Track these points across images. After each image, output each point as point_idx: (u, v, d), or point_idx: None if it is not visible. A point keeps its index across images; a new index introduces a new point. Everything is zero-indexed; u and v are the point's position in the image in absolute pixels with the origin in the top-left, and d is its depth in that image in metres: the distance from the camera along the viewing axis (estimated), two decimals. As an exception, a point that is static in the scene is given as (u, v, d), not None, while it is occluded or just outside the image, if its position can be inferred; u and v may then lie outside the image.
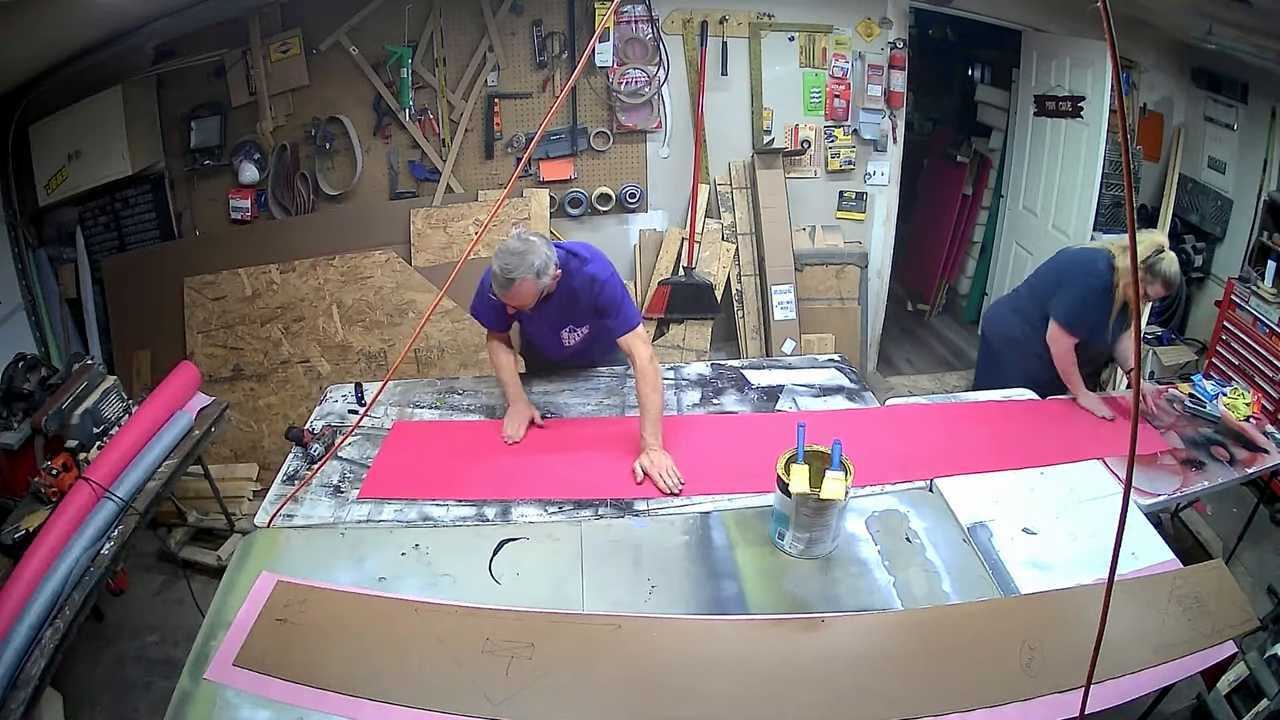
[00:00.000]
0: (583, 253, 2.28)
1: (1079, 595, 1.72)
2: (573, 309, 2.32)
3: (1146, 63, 3.88)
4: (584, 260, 2.25)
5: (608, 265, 2.30)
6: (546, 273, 2.10)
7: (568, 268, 2.21)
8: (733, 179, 3.96)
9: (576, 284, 2.24)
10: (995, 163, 4.67)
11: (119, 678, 2.61)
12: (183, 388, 2.72)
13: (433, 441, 2.32)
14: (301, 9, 3.54)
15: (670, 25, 3.72)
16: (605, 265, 2.28)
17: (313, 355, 3.74)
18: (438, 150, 3.78)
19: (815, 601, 1.75)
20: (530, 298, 2.13)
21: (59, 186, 3.54)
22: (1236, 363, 3.44)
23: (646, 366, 2.21)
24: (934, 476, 2.12)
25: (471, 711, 1.47)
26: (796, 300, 3.94)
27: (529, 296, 2.12)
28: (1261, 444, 2.34)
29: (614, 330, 2.28)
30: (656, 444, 2.17)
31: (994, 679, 1.54)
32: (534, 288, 2.10)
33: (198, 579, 2.87)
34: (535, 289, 2.11)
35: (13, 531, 2.11)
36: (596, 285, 2.23)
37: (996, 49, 4.59)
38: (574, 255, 2.25)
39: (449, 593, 1.76)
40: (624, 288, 2.32)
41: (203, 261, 3.74)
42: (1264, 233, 3.47)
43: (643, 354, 2.23)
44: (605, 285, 2.24)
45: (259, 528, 1.99)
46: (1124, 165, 0.93)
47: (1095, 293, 2.48)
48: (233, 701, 1.51)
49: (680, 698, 1.51)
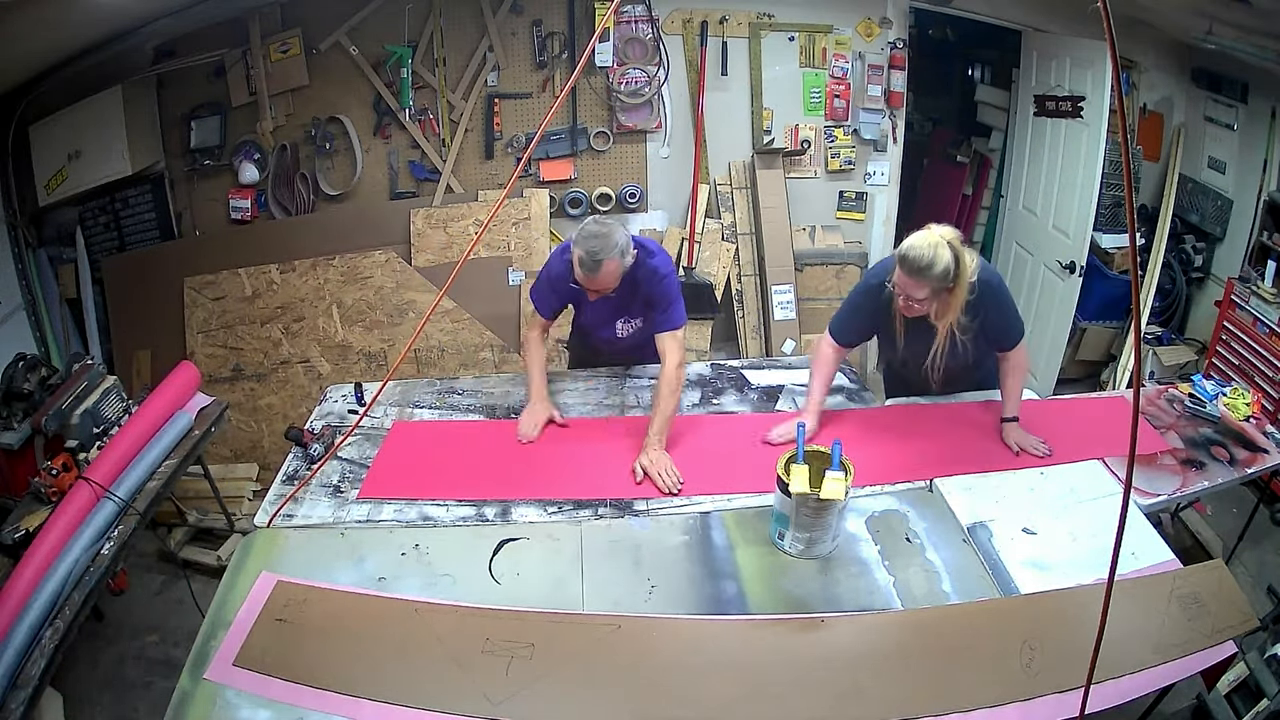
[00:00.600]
0: (649, 245, 2.33)
1: (1079, 595, 1.72)
2: (633, 299, 2.36)
3: (1146, 63, 3.88)
4: (650, 252, 2.31)
5: (670, 261, 2.36)
6: (629, 252, 2.17)
7: (636, 258, 2.25)
8: (733, 179, 3.96)
9: (640, 274, 2.28)
10: (995, 163, 4.67)
11: (119, 678, 2.61)
12: (183, 388, 2.72)
13: (433, 441, 2.32)
14: (301, 9, 3.54)
15: (670, 25, 3.72)
16: (668, 260, 2.35)
17: (313, 355, 3.74)
18: (438, 150, 3.78)
19: (815, 601, 1.75)
20: (615, 278, 2.18)
21: (59, 186, 3.54)
22: (1236, 363, 3.44)
23: (673, 371, 2.25)
24: (934, 476, 2.12)
25: (471, 711, 1.47)
26: (796, 300, 3.94)
27: (614, 277, 2.17)
28: (1261, 444, 2.34)
29: (660, 324, 2.32)
30: (659, 444, 2.18)
31: (994, 679, 1.54)
32: (619, 267, 2.15)
33: (198, 579, 2.87)
34: (620, 268, 2.16)
35: (13, 531, 2.11)
36: (658, 278, 2.29)
37: (996, 49, 4.59)
38: (642, 246, 2.30)
39: (449, 593, 1.76)
40: (680, 289, 2.36)
41: (203, 261, 3.74)
42: (1264, 233, 3.47)
43: (674, 358, 2.27)
44: (666, 279, 2.30)
45: (259, 528, 1.99)
46: (1124, 165, 0.93)
47: (860, 290, 2.26)
48: (233, 701, 1.51)
49: (680, 698, 1.51)
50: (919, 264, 1.93)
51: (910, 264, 1.95)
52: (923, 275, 1.94)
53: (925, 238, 1.97)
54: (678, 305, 2.33)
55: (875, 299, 2.17)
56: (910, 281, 1.97)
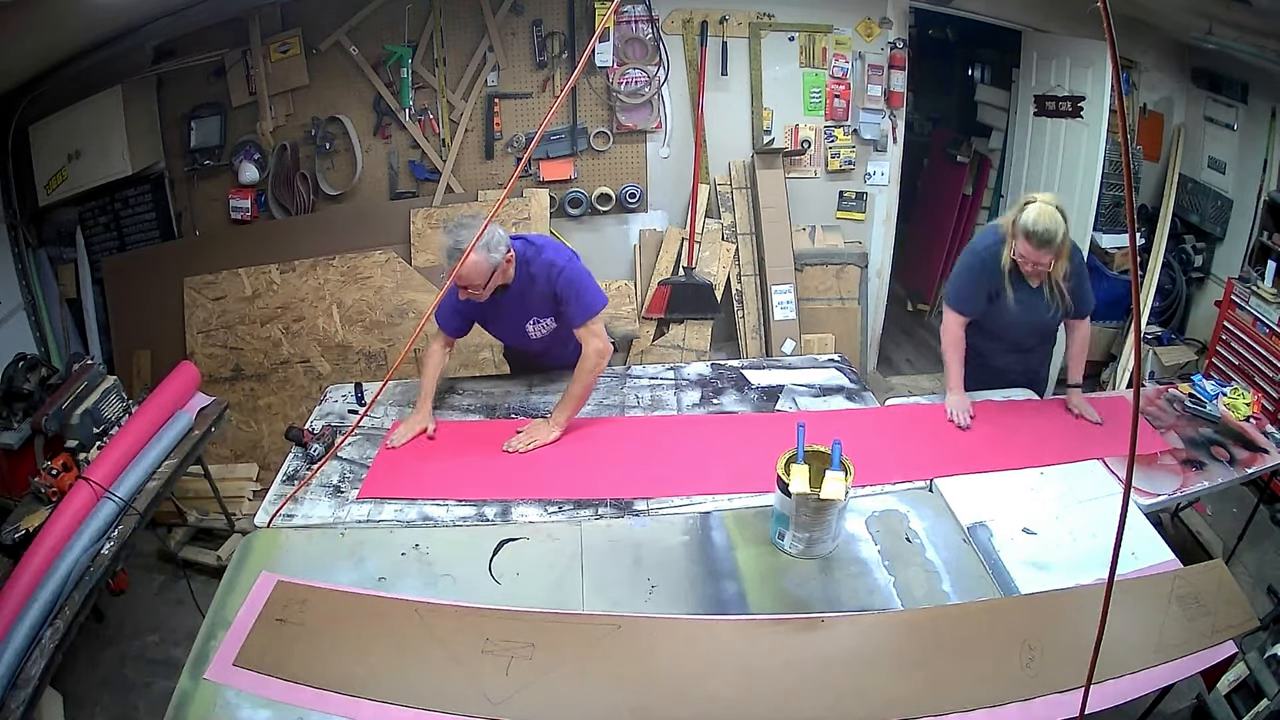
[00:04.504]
0: (538, 241, 2.30)
1: (1079, 595, 1.72)
2: (533, 298, 2.29)
3: (1146, 63, 3.88)
4: (539, 248, 2.26)
5: (566, 251, 2.30)
6: (497, 250, 2.10)
7: (524, 255, 2.22)
8: (733, 179, 3.96)
9: (535, 269, 2.24)
10: (995, 163, 4.67)
11: (119, 678, 2.61)
12: (183, 388, 2.72)
13: (433, 441, 2.32)
14: (301, 9, 3.55)
15: (670, 25, 3.72)
16: (564, 252, 2.29)
17: (313, 355, 3.74)
18: (438, 150, 3.78)
19: (815, 601, 1.75)
20: (481, 277, 2.10)
21: (59, 186, 3.54)
22: (1236, 363, 3.44)
23: (589, 356, 2.26)
24: (934, 476, 2.12)
25: (471, 711, 1.47)
26: (796, 300, 3.94)
27: (480, 276, 2.09)
28: (1261, 444, 2.34)
29: (573, 318, 2.27)
30: (554, 424, 2.26)
31: (994, 679, 1.54)
32: (485, 264, 2.08)
33: (198, 579, 2.87)
34: (487, 264, 2.08)
35: (13, 531, 2.11)
36: (555, 270, 2.23)
37: (996, 49, 4.59)
38: (530, 243, 2.27)
39: (449, 593, 1.76)
40: (587, 276, 2.30)
41: (203, 261, 3.74)
42: (1264, 233, 3.47)
43: (590, 346, 2.26)
44: (564, 270, 2.23)
45: (259, 528, 1.99)
46: (1124, 165, 0.93)
47: (974, 263, 2.37)
48: (233, 701, 1.51)
49: (680, 698, 1.51)
50: (1047, 236, 2.14)
51: (1039, 237, 2.15)
52: (1051, 244, 2.16)
53: (1040, 210, 2.16)
54: (587, 294, 2.25)
55: (991, 268, 2.32)
56: (1039, 252, 2.18)
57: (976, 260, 2.37)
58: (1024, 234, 2.17)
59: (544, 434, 2.26)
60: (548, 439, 2.26)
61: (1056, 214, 2.15)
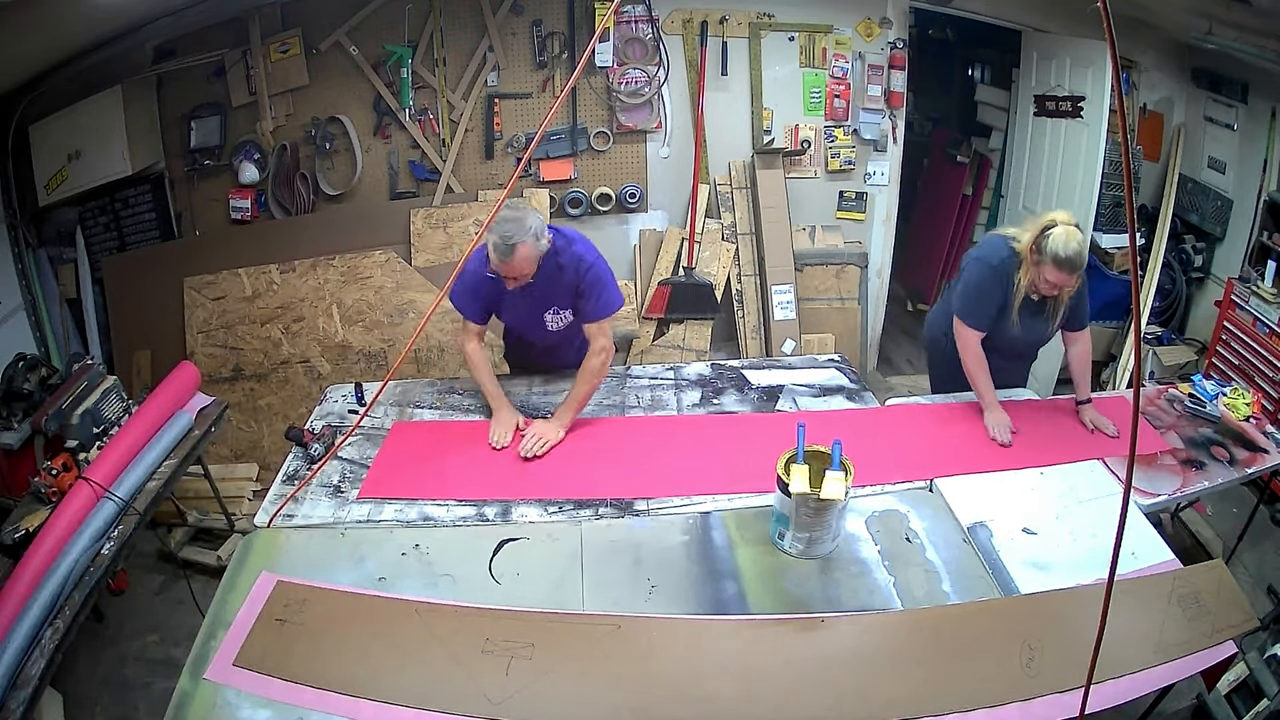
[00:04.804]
0: (568, 233, 2.31)
1: (1079, 595, 1.72)
2: (557, 288, 2.31)
3: (1146, 63, 3.88)
4: (570, 240, 2.28)
5: (594, 249, 2.33)
6: (543, 236, 2.15)
7: (555, 245, 2.23)
8: (733, 179, 3.96)
9: (564, 260, 2.25)
10: (995, 163, 4.67)
11: (119, 678, 2.61)
12: (183, 388, 2.72)
13: (433, 441, 2.32)
14: (301, 9, 3.54)
15: (670, 25, 3.72)
16: (592, 248, 2.32)
17: (313, 355, 3.73)
18: (438, 150, 3.78)
19: (815, 601, 1.75)
20: (530, 264, 2.14)
21: (59, 186, 3.54)
22: (1236, 363, 3.44)
23: (595, 358, 2.30)
24: (934, 476, 2.12)
25: (471, 711, 1.47)
26: (796, 300, 3.94)
27: (529, 263, 2.13)
28: (1261, 444, 2.34)
29: (590, 313, 2.30)
30: (559, 423, 2.27)
31: (994, 679, 1.54)
32: (534, 252, 2.12)
33: (198, 579, 2.87)
34: (535, 253, 2.13)
35: (13, 531, 2.11)
36: (584, 265, 2.26)
37: (996, 49, 4.59)
38: (561, 234, 2.28)
39: (449, 593, 1.76)
40: (611, 275, 2.33)
41: (203, 261, 3.73)
42: (1264, 233, 3.47)
43: (597, 343, 2.30)
44: (592, 266, 2.28)
45: (259, 528, 1.99)
46: (1124, 165, 0.93)
47: (989, 278, 2.32)
48: (233, 701, 1.51)
49: (680, 698, 1.51)
50: (1079, 261, 2.13)
51: (1071, 264, 2.12)
52: (1081, 269, 2.15)
53: (1068, 235, 2.12)
54: (608, 292, 2.30)
55: (1005, 284, 2.29)
56: (1068, 277, 2.16)
57: (991, 275, 2.32)
58: (1054, 261, 2.12)
59: (553, 433, 2.26)
60: (557, 438, 2.26)
61: (1079, 234, 2.14)
